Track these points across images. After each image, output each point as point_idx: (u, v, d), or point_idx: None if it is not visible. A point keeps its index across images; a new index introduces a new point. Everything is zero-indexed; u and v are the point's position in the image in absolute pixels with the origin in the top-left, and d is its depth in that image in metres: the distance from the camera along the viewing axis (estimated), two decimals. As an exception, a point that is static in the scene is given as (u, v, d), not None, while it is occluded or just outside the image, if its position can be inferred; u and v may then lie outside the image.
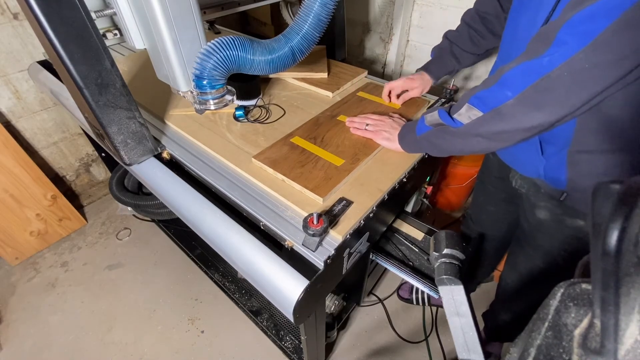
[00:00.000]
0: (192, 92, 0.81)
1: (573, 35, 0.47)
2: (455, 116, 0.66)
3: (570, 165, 0.67)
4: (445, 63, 0.98)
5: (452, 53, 0.96)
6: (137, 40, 0.78)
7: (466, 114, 0.64)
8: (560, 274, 0.85)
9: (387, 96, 1.04)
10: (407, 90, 1.03)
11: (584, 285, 0.27)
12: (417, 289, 1.46)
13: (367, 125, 0.89)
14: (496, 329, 1.21)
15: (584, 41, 0.46)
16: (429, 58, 1.03)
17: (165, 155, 0.92)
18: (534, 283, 0.92)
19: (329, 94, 1.11)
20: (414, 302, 1.45)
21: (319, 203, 0.74)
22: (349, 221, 0.70)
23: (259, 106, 1.06)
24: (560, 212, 0.76)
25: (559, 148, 0.67)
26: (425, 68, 1.02)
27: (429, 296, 1.43)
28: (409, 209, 1.27)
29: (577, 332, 0.26)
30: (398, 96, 1.03)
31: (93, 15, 0.66)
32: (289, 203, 0.75)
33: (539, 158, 0.71)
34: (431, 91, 1.09)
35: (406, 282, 1.50)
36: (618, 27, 0.43)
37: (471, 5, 0.92)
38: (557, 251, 0.81)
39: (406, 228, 1.10)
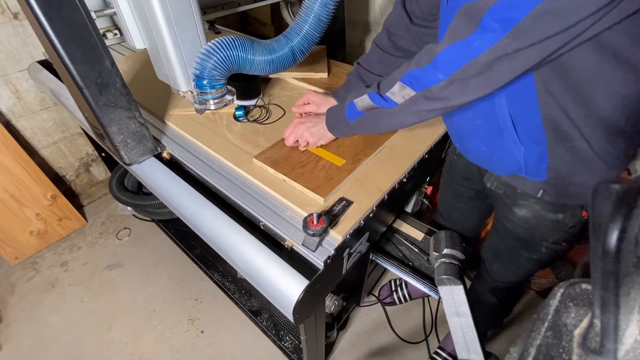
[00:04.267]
0: (192, 92, 0.81)
1: (497, 21, 0.47)
2: (387, 94, 0.66)
3: (550, 147, 0.65)
4: (352, 87, 0.94)
5: (360, 76, 0.95)
6: (137, 40, 0.78)
7: (399, 93, 0.63)
8: (544, 262, 0.87)
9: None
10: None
11: (584, 285, 0.27)
12: (395, 289, 1.45)
13: (296, 140, 0.87)
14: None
15: (507, 27, 0.46)
16: None
17: (165, 155, 0.92)
18: (519, 269, 0.93)
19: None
20: (397, 302, 1.44)
21: (320, 203, 0.74)
22: (349, 221, 0.70)
23: (259, 106, 1.06)
24: (540, 208, 0.76)
25: (533, 129, 0.64)
26: (334, 93, 0.98)
27: (409, 291, 1.42)
28: (409, 209, 1.27)
29: (577, 332, 0.26)
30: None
31: (93, 15, 0.66)
32: (289, 203, 0.75)
33: (517, 147, 0.68)
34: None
35: (383, 287, 1.49)
36: (538, 13, 0.44)
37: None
38: (539, 242, 0.82)
39: (406, 228, 1.10)
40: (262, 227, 0.72)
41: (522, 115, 0.63)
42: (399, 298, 1.44)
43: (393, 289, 1.45)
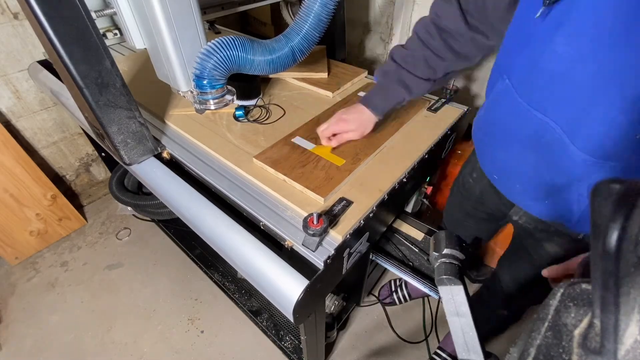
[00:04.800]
0: (192, 92, 0.81)
1: None
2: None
3: None
4: (391, 94, 0.78)
5: (401, 81, 0.76)
6: (137, 40, 0.78)
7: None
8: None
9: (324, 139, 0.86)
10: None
11: (584, 285, 0.27)
12: (395, 289, 1.44)
13: (330, 137, 0.84)
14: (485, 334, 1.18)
15: None
16: None
17: (165, 155, 0.92)
18: (534, 294, 0.88)
19: (329, 94, 1.11)
20: (397, 302, 1.44)
21: (320, 203, 0.74)
22: (349, 221, 0.70)
23: (259, 106, 1.06)
24: (573, 247, 0.67)
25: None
26: (367, 101, 0.80)
27: (409, 291, 1.42)
28: (409, 209, 1.27)
29: (577, 332, 0.26)
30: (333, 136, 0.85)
31: (93, 15, 0.66)
32: (289, 203, 0.75)
33: (580, 202, 0.54)
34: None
35: (383, 287, 1.49)
36: None
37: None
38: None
39: (406, 228, 1.10)
40: (262, 227, 0.72)
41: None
42: (398, 298, 1.43)
43: (393, 289, 1.45)
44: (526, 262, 0.83)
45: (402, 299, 1.43)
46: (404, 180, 0.83)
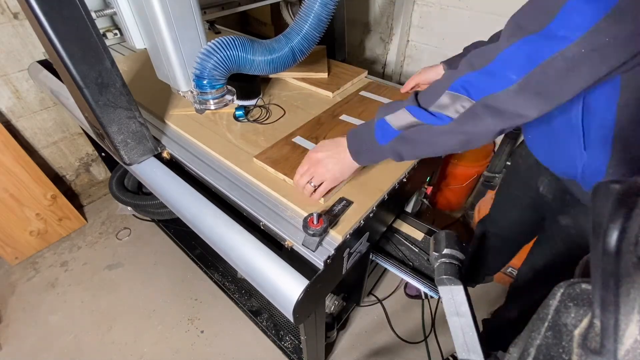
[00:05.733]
0: (192, 92, 0.81)
1: (589, 1, 0.39)
2: (434, 110, 0.53)
3: (612, 161, 0.57)
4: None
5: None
6: (138, 40, 0.78)
7: (452, 106, 0.50)
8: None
9: (409, 88, 1.00)
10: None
11: (584, 285, 0.27)
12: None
13: (310, 182, 0.70)
14: (498, 332, 1.20)
15: (606, 6, 0.38)
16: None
17: (165, 155, 0.92)
18: (549, 280, 0.91)
19: (329, 94, 1.11)
20: (423, 296, 1.46)
21: (320, 202, 0.74)
22: (349, 221, 0.70)
23: (259, 106, 1.06)
24: (584, 219, 0.72)
25: (603, 139, 0.56)
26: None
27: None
28: (409, 209, 1.27)
29: (577, 332, 0.26)
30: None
31: (93, 15, 0.66)
32: (289, 203, 0.75)
33: (580, 153, 0.60)
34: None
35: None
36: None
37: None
38: (575, 256, 0.78)
39: (406, 228, 1.10)
40: (262, 227, 0.72)
41: (595, 123, 0.56)
42: (425, 293, 1.44)
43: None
44: (542, 247, 0.88)
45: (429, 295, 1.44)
46: (404, 180, 0.83)
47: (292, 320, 0.64)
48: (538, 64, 0.42)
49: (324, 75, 1.18)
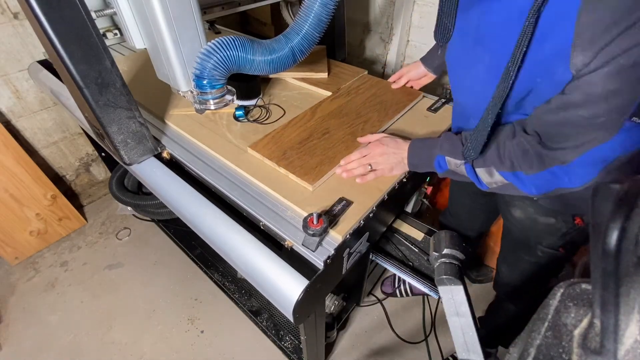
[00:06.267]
0: (192, 92, 0.81)
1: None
2: (480, 175, 0.68)
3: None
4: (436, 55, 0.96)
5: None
6: (137, 40, 0.78)
7: (496, 185, 0.67)
8: (546, 267, 0.88)
9: (397, 79, 1.09)
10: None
11: (583, 285, 0.27)
12: (399, 282, 1.47)
13: (370, 165, 0.80)
14: (495, 329, 1.20)
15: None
16: None
17: (165, 155, 0.92)
18: (522, 272, 0.95)
19: (329, 94, 1.11)
20: (398, 294, 1.46)
21: (309, 190, 0.76)
22: (349, 221, 0.70)
23: (259, 106, 1.06)
24: (533, 210, 0.78)
25: None
26: (423, 58, 1.00)
27: (411, 287, 1.44)
28: (409, 209, 1.27)
29: (577, 332, 0.26)
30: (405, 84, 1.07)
31: (93, 14, 0.66)
32: (289, 203, 0.75)
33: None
34: (432, 91, 1.09)
35: (388, 277, 1.51)
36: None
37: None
38: (534, 245, 0.84)
39: (406, 228, 1.10)
40: (262, 227, 0.72)
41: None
42: (400, 292, 1.45)
43: (397, 282, 1.47)
44: (506, 235, 0.93)
45: (404, 293, 1.45)
46: (404, 180, 0.83)
47: (292, 320, 0.64)
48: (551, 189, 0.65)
49: (324, 75, 1.18)
